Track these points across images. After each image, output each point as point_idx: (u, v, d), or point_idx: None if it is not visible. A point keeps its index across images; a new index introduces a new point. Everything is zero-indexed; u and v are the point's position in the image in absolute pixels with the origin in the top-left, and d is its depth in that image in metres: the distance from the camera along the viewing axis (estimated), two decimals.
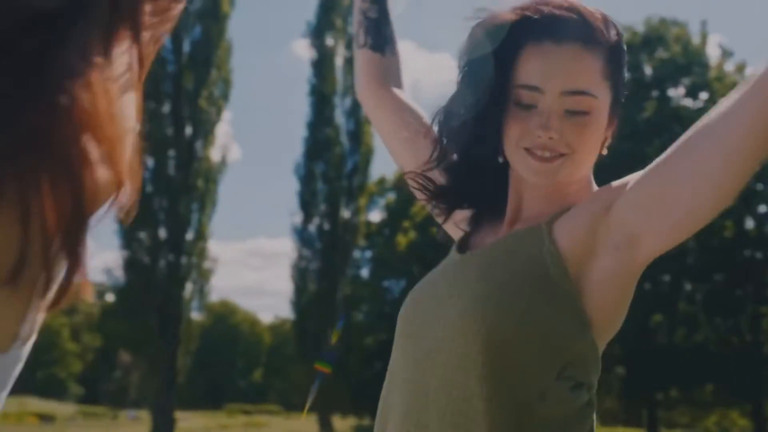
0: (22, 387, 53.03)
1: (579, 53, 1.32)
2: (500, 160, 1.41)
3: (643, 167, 1.32)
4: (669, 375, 24.49)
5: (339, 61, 28.48)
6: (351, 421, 32.21)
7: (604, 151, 1.42)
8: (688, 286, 25.30)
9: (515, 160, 1.37)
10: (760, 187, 25.18)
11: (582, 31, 1.33)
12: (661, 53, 25.64)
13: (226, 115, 72.84)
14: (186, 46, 26.41)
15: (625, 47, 1.40)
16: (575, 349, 1.32)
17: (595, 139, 1.36)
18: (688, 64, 25.40)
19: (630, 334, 23.10)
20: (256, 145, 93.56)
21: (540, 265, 1.32)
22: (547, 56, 1.32)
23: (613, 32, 1.37)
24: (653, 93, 25.65)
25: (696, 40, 26.02)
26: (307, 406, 1.65)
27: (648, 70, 25.68)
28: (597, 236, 1.31)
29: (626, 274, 1.33)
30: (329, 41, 28.41)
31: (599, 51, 1.34)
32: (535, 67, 1.32)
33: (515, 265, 1.33)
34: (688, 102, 25.83)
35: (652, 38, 25.63)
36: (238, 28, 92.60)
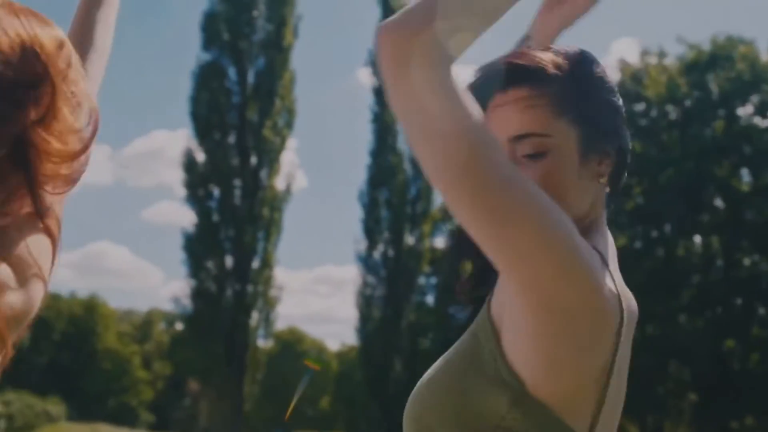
0: (95, 415, 53.87)
1: (522, 97, 1.29)
2: None
3: (711, 186, 1.30)
4: (743, 402, 23.83)
5: None
6: None
7: (607, 188, 1.37)
8: (762, 311, 24.67)
9: None
10: None
11: (525, 73, 1.30)
12: (728, 72, 25.20)
13: (292, 143, 73.61)
14: (251, 77, 26.82)
15: (594, 75, 1.35)
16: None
17: (563, 179, 1.28)
18: (756, 81, 24.91)
19: (702, 360, 22.59)
20: (323, 173, 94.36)
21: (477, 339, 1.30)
22: (495, 108, 1.31)
23: (568, 64, 1.33)
24: (720, 112, 25.20)
25: (764, 57, 25.52)
26: (295, 398, 1.62)
27: (714, 89, 25.27)
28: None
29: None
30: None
31: (548, 89, 1.30)
32: (490, 123, 1.29)
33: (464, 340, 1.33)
34: (757, 120, 25.32)
35: (719, 57, 25.22)
36: (301, 58, 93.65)
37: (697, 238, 25.38)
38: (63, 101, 0.79)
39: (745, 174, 25.48)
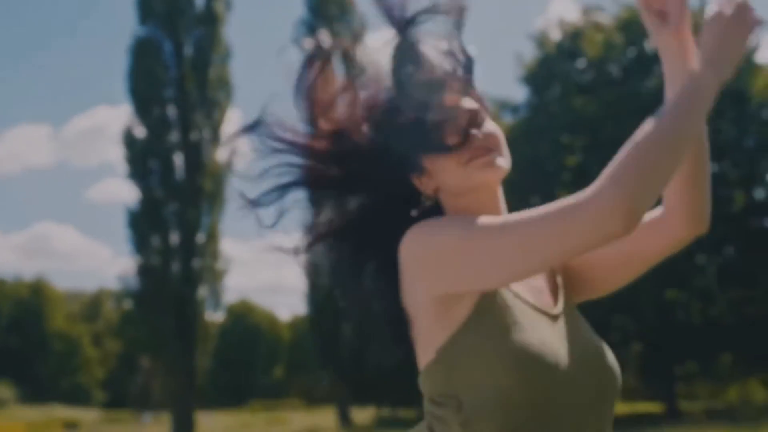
0: (48, 397, 53.39)
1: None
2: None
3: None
4: (687, 349, 24.49)
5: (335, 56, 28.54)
6: (371, 412, 32.31)
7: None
8: (701, 260, 25.25)
9: (467, 177, 1.47)
10: None
11: None
12: None
13: (235, 116, 72.90)
14: (187, 51, 26.53)
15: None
16: None
17: (504, 139, 1.52)
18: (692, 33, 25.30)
19: (646, 311, 23.11)
20: None
21: None
22: None
23: None
24: (658, 68, 25.60)
25: (695, 10, 25.91)
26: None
27: (650, 46, 25.63)
28: None
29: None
30: (323, 37, 28.51)
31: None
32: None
33: None
34: None
35: None
36: (239, 31, 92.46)
37: None
38: None
39: None
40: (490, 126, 1.49)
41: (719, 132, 24.62)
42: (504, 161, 1.48)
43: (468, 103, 1.50)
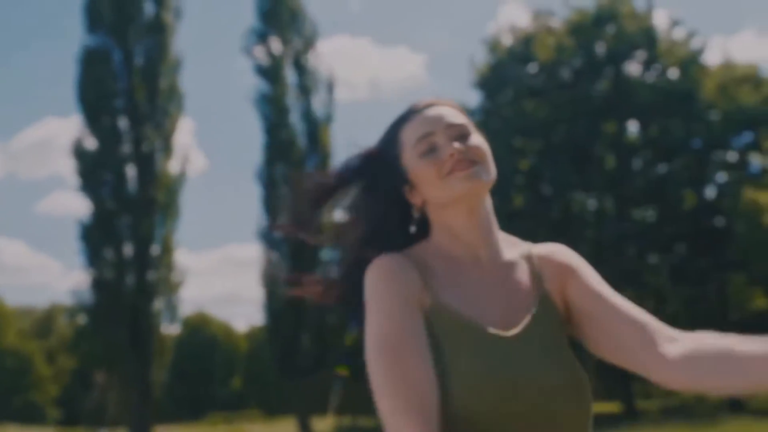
0: (0, 415, 52.36)
1: (445, 107, 1.61)
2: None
3: (600, 143, 1.43)
4: None
5: (287, 63, 28.42)
6: (331, 422, 32.19)
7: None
8: (653, 259, 25.56)
9: (447, 189, 1.52)
10: (717, 156, 25.51)
11: (439, 101, 1.63)
12: (614, 30, 25.79)
13: (188, 126, 72.37)
14: (137, 60, 26.27)
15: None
16: None
17: (490, 153, 1.57)
18: (641, 38, 25.60)
19: None
20: (222, 154, 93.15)
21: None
22: (427, 112, 1.59)
23: (455, 103, 1.66)
24: (608, 70, 25.85)
25: (648, 14, 26.21)
26: (332, 408, 1.71)
27: (601, 49, 25.87)
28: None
29: None
30: (275, 45, 28.38)
31: (456, 108, 1.63)
32: (418, 123, 1.58)
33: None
34: (647, 75, 26.04)
35: (603, 17, 25.79)
36: (188, 39, 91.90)
37: (590, 194, 26.09)
38: None
39: (633, 125, 26.26)
40: (475, 139, 1.56)
41: (668, 133, 24.99)
42: (487, 174, 1.53)
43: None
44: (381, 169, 1.61)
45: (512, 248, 1.60)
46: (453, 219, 1.55)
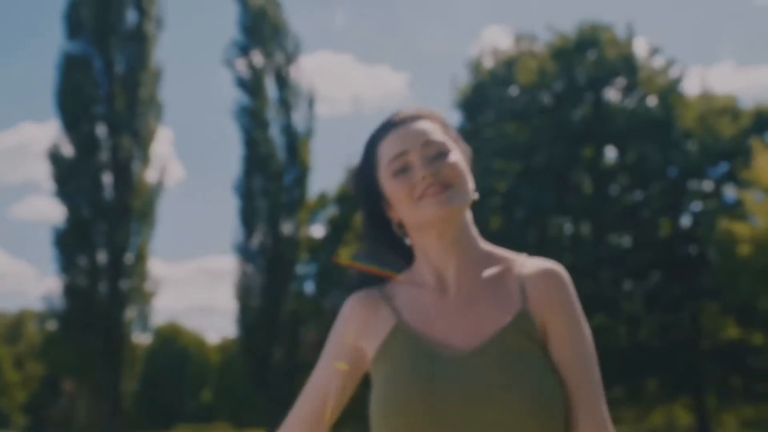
0: None
1: (425, 122, 1.58)
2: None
3: (579, 167, 1.43)
4: (613, 373, 24.83)
5: (269, 77, 28.39)
6: None
7: (476, 196, 1.59)
8: (628, 285, 25.66)
9: (417, 214, 1.52)
10: (693, 185, 25.70)
11: (421, 113, 1.61)
12: (594, 57, 26.02)
13: (167, 136, 72.11)
14: (117, 68, 26.16)
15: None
16: None
17: (467, 174, 1.56)
18: (620, 65, 25.82)
19: None
20: (201, 164, 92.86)
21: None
22: (404, 128, 1.57)
23: (438, 115, 1.64)
24: (588, 95, 26.03)
25: (628, 41, 26.45)
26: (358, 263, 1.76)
27: (582, 74, 26.05)
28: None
29: None
30: (256, 58, 28.35)
31: (437, 122, 1.61)
32: (394, 139, 1.56)
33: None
34: (627, 102, 26.24)
35: (585, 43, 26.00)
36: (170, 50, 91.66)
37: (567, 218, 26.21)
38: None
39: (611, 151, 26.43)
40: (452, 158, 1.54)
41: (645, 161, 25.15)
42: (460, 198, 1.51)
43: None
44: (360, 185, 1.61)
45: (498, 263, 1.59)
46: (425, 240, 1.56)
